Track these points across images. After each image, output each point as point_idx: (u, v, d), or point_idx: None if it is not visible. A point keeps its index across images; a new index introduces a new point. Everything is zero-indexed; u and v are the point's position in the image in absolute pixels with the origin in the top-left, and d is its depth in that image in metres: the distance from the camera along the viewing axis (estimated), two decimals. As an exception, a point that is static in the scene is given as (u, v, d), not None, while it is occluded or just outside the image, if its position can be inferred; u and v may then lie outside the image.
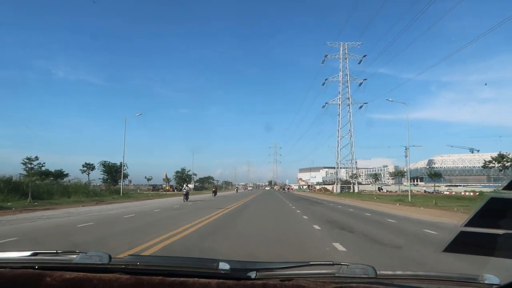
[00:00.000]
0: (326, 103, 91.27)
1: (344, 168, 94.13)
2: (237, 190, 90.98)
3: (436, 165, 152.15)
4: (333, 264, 1.43)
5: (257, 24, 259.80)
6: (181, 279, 1.25)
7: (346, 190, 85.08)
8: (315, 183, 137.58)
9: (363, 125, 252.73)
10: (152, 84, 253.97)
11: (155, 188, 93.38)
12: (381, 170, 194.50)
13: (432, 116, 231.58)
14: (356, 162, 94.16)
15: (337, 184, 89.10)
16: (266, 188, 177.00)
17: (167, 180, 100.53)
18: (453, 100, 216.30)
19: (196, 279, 1.25)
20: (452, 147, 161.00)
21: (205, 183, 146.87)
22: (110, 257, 1.42)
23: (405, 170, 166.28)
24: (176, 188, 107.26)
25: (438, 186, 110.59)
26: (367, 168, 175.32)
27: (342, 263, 1.41)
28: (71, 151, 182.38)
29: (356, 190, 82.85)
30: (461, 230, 1.11)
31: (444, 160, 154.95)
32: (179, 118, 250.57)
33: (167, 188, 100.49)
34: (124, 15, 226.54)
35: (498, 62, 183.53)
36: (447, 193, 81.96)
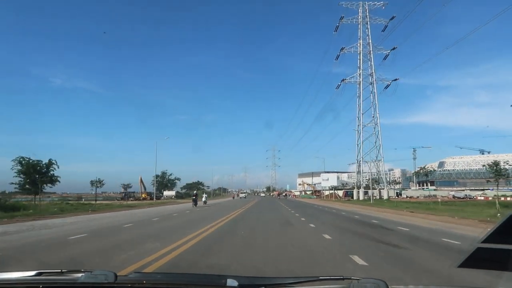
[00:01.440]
0: (342, 80, 70.65)
1: (368, 172, 73.54)
2: (195, 201, 35.95)
3: (447, 168, 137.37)
4: (343, 279, 1.36)
5: (256, 29, 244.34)
6: None
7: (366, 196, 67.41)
8: (329, 187, 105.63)
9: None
10: (149, 91, 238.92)
11: (126, 196, 75.09)
12: (386, 174, 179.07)
13: (432, 119, 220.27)
14: (383, 158, 73.24)
15: (360, 188, 70.51)
16: (261, 195, 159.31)
17: (142, 185, 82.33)
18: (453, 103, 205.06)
19: None
20: (461, 148, 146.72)
21: (193, 189, 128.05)
22: (115, 276, 1.36)
23: (412, 173, 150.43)
24: (156, 196, 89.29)
25: (462, 190, 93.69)
26: (368, 172, 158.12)
27: (353, 278, 1.32)
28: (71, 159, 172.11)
29: (385, 197, 63.97)
30: (478, 246, 1.11)
31: (456, 162, 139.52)
32: (177, 125, 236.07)
33: (143, 196, 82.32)
34: (122, 22, 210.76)
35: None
36: (482, 198, 65.08)
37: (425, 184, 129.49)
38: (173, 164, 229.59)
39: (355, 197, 69.10)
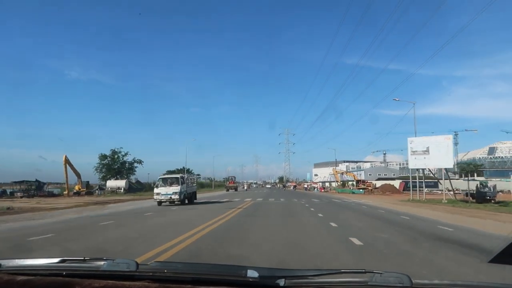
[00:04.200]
0: None
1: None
2: None
3: (499, 155, 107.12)
4: (365, 272, 1.31)
5: (265, 19, 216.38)
6: (211, 287, 1.23)
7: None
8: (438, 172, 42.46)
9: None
10: (160, 83, 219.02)
11: (40, 190, 52.08)
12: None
13: (452, 110, 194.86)
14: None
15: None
16: (267, 186, 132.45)
17: (67, 170, 50.12)
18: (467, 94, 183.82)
19: (225, 287, 1.22)
20: (507, 133, 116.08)
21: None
22: (137, 264, 1.37)
23: (455, 161, 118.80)
24: (99, 188, 65.55)
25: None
26: (396, 162, 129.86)
27: (375, 271, 1.28)
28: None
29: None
30: None
31: (510, 148, 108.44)
32: (188, 117, 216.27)
33: (76, 188, 58.47)
34: (132, 13, 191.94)
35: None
36: None
37: (469, 175, 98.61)
38: (181, 157, 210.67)
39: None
